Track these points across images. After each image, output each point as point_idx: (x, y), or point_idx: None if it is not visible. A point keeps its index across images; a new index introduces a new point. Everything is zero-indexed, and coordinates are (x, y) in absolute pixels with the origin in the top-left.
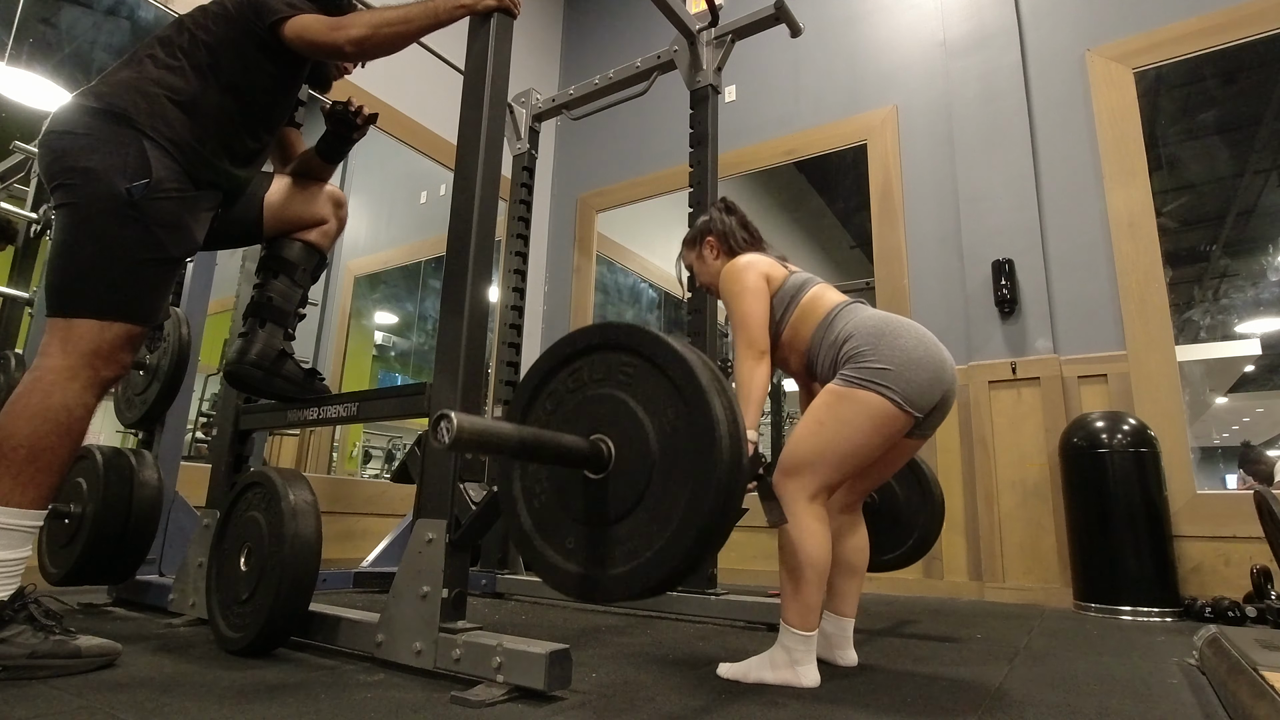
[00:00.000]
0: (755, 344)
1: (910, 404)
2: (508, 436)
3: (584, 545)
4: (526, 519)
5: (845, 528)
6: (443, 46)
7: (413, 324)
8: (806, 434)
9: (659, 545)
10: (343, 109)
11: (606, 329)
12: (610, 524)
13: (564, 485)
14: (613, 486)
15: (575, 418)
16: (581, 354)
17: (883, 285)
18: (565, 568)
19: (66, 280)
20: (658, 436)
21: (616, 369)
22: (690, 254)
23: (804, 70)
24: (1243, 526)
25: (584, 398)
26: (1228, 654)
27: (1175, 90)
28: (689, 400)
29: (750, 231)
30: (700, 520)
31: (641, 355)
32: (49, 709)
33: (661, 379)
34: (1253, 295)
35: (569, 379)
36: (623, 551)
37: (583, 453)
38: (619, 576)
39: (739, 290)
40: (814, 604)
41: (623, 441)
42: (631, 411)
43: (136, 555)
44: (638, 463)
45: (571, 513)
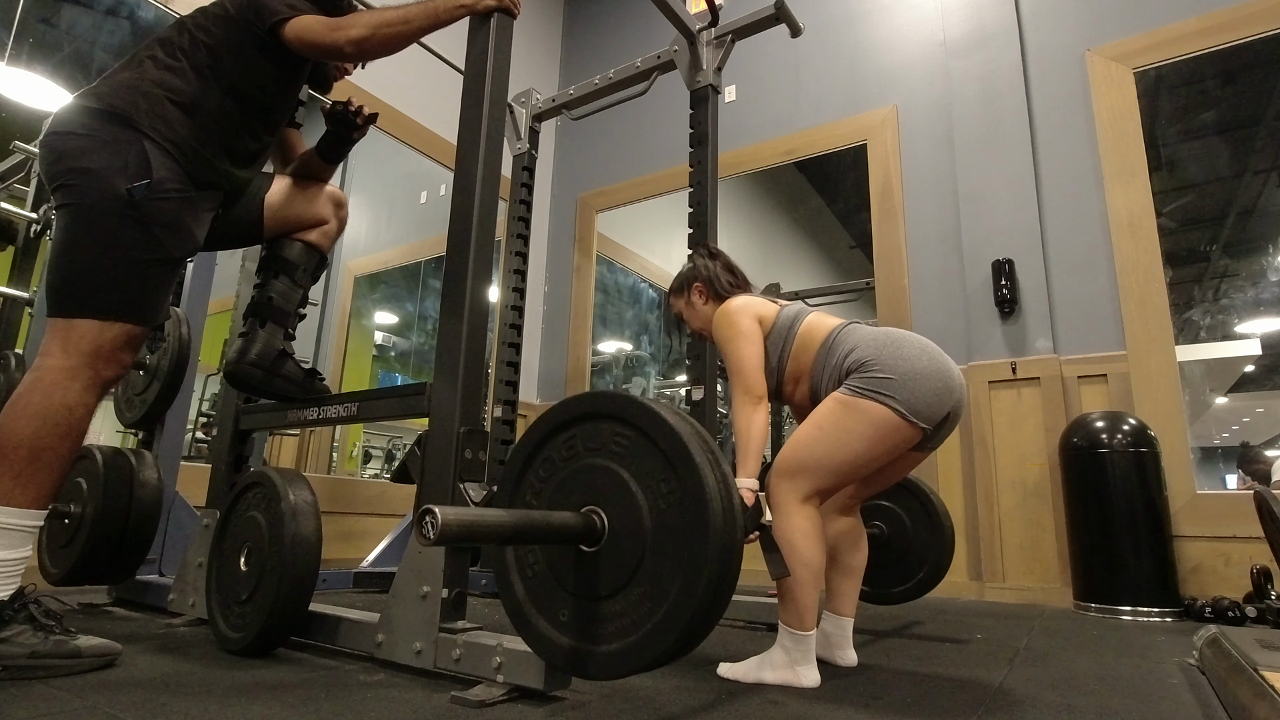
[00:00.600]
0: (752, 390)
1: (916, 415)
2: (496, 524)
3: (576, 619)
4: (520, 588)
5: (844, 529)
6: (443, 46)
7: (413, 324)
8: (805, 439)
9: (651, 624)
10: (343, 109)
11: (599, 398)
12: (603, 599)
13: (558, 557)
14: (606, 560)
15: (568, 488)
16: (575, 422)
17: (883, 285)
18: (557, 640)
19: (67, 280)
20: (651, 511)
21: (610, 439)
22: (679, 301)
23: (804, 70)
24: (1243, 526)
25: (577, 467)
26: (1228, 654)
27: (1175, 90)
28: (681, 475)
29: (735, 274)
30: (693, 603)
31: (634, 426)
32: (49, 709)
33: (654, 451)
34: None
35: (563, 447)
36: (615, 628)
37: (575, 529)
38: (610, 654)
39: (732, 335)
40: (809, 603)
41: (616, 514)
42: (625, 484)
43: (136, 555)
44: (631, 537)
45: (565, 584)
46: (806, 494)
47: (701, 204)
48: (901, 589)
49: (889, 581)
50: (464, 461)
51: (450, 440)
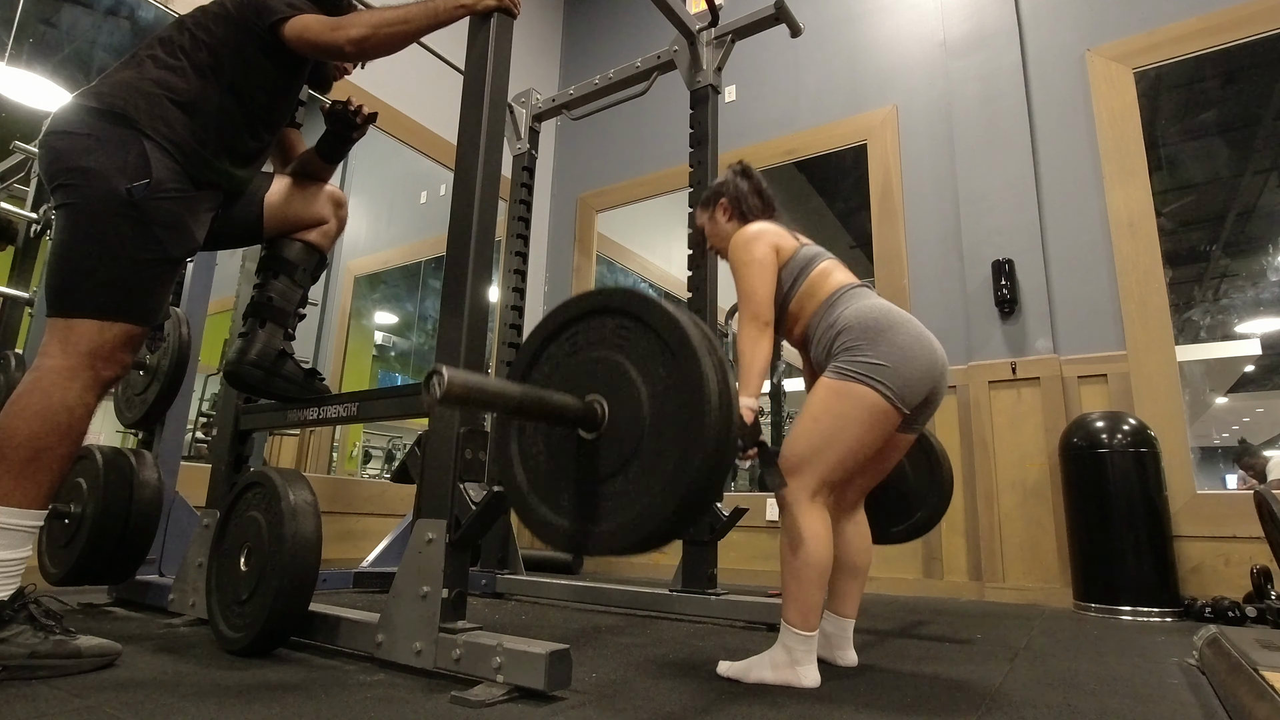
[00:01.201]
0: (759, 316)
1: (902, 400)
2: (499, 392)
3: (576, 502)
4: (522, 478)
5: (847, 528)
6: (443, 46)
7: (413, 324)
8: (803, 431)
9: (647, 501)
10: (342, 109)
11: (603, 294)
12: (602, 481)
13: (558, 445)
14: (605, 445)
15: (572, 379)
16: (579, 318)
17: (883, 285)
18: (558, 523)
19: (66, 280)
20: (650, 397)
21: (613, 332)
22: (703, 215)
23: (804, 70)
24: (1243, 526)
25: (581, 360)
26: (1228, 654)
27: (1175, 90)
28: (680, 360)
29: (764, 199)
30: (688, 478)
31: (636, 318)
32: (49, 709)
33: (655, 340)
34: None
35: (567, 343)
36: (613, 507)
37: (576, 411)
38: (608, 531)
39: (747, 260)
40: (815, 604)
41: (616, 402)
42: (625, 372)
43: (136, 555)
44: (630, 422)
45: (566, 471)
46: (814, 489)
47: None
48: (900, 529)
49: (887, 521)
50: (464, 461)
51: (450, 440)
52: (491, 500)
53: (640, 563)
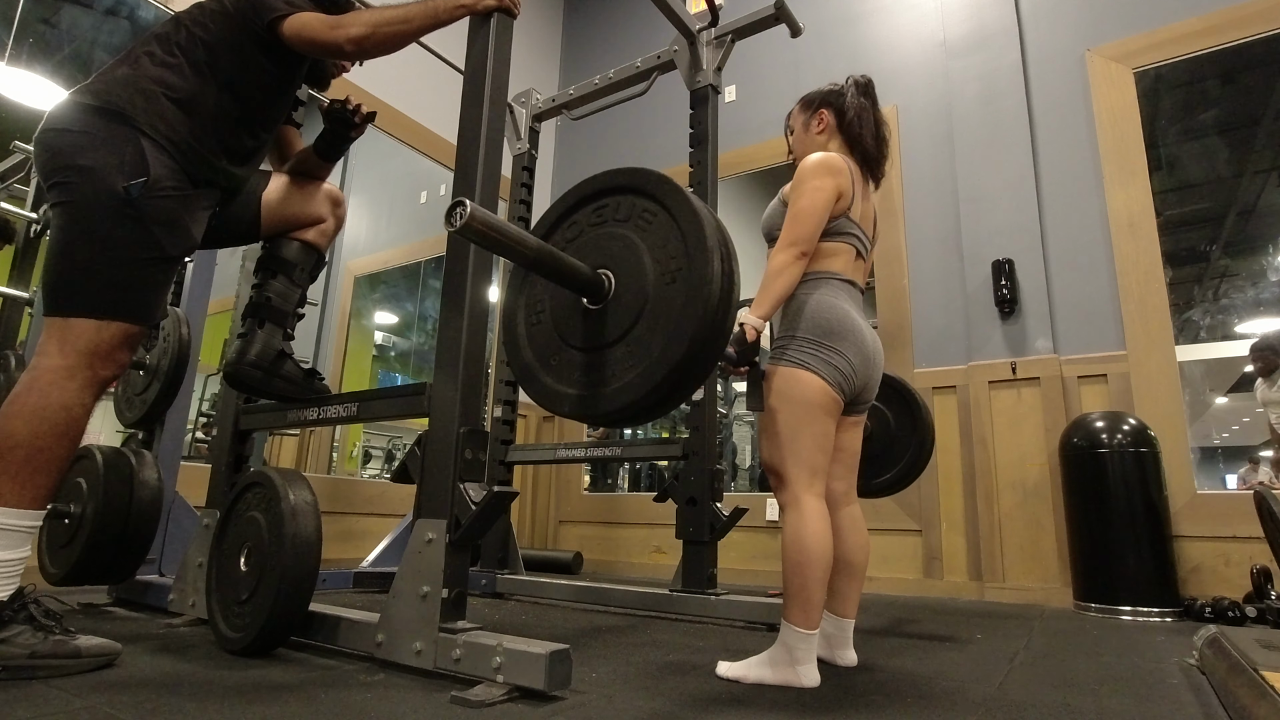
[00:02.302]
0: (798, 243)
1: (839, 388)
2: (518, 238)
3: (580, 369)
4: (528, 352)
5: (844, 525)
6: (443, 46)
7: (413, 324)
8: (773, 425)
9: (648, 362)
10: (340, 107)
11: (638, 173)
12: (605, 347)
13: (563, 316)
14: (609, 315)
15: (588, 249)
16: (610, 192)
17: (883, 285)
18: (561, 390)
19: (64, 279)
20: (655, 281)
21: (639, 212)
22: (800, 115)
23: (804, 70)
24: (1243, 526)
25: (601, 233)
26: (1228, 654)
27: (1175, 90)
28: (693, 253)
29: (876, 135)
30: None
31: (663, 205)
32: (49, 709)
33: (674, 229)
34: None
35: (593, 213)
36: (616, 369)
37: (585, 277)
38: (611, 393)
39: (816, 186)
40: (816, 601)
41: (624, 277)
42: (639, 254)
43: (136, 555)
44: (632, 300)
45: (569, 340)
46: (808, 479)
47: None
48: (883, 480)
49: (872, 474)
50: (464, 461)
51: (450, 440)
52: (491, 500)
53: (640, 563)
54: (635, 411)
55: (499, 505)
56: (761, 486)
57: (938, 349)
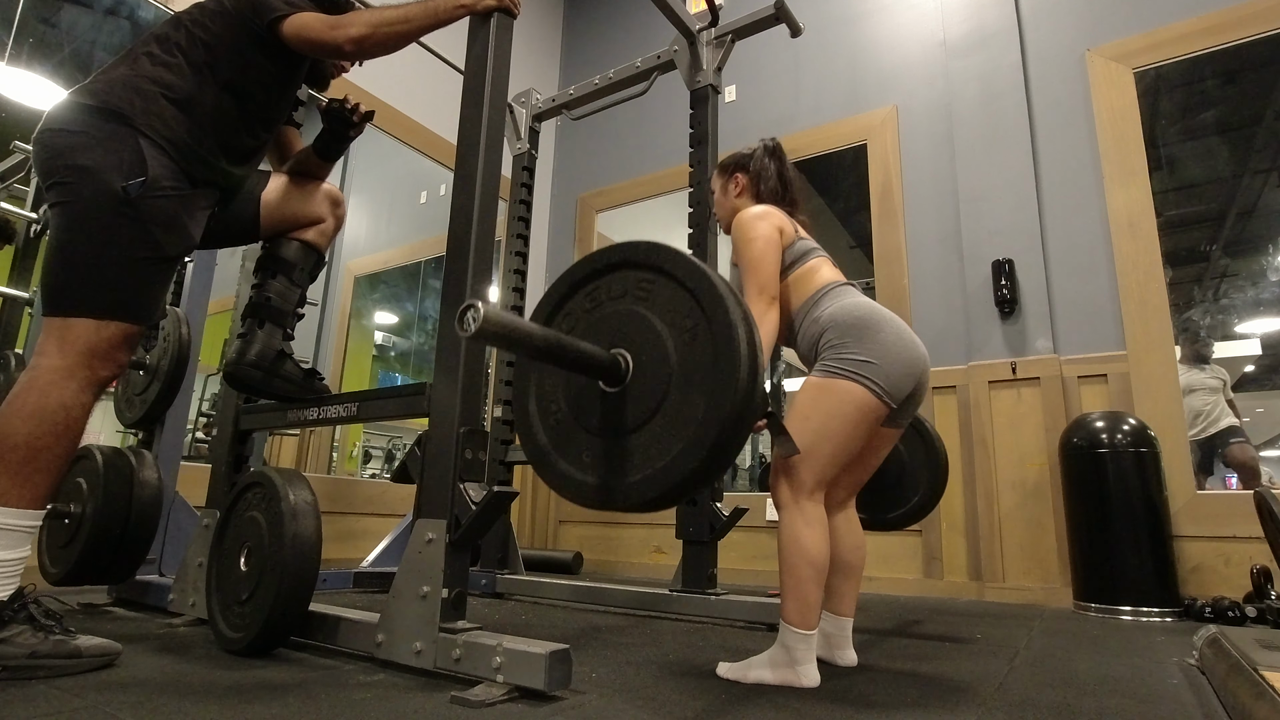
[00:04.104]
0: (766, 289)
1: (887, 394)
2: (531, 334)
3: (601, 457)
4: (543, 436)
5: (840, 526)
6: (443, 46)
7: (413, 324)
8: (794, 430)
9: (677, 449)
10: (339, 107)
11: (624, 248)
12: (628, 434)
13: (580, 401)
14: (630, 397)
15: (593, 334)
16: (599, 274)
17: (883, 285)
18: (582, 479)
19: (63, 279)
20: (676, 346)
21: (634, 285)
22: (717, 180)
23: (804, 70)
24: (1243, 526)
25: (601, 315)
26: (1228, 654)
27: (1175, 90)
28: (706, 307)
29: (784, 185)
30: (719, 421)
31: (659, 270)
32: (49, 709)
33: (679, 290)
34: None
35: (586, 299)
36: (641, 459)
37: (602, 362)
38: (636, 483)
39: (753, 236)
40: (813, 601)
41: (640, 353)
42: (649, 324)
43: (136, 555)
44: (656, 372)
45: (588, 427)
46: (810, 488)
47: (701, 204)
48: (897, 514)
49: (885, 507)
50: (464, 461)
51: (450, 440)
52: (491, 500)
53: (640, 563)
54: (679, 488)
55: (499, 505)
56: (761, 487)
57: (938, 349)
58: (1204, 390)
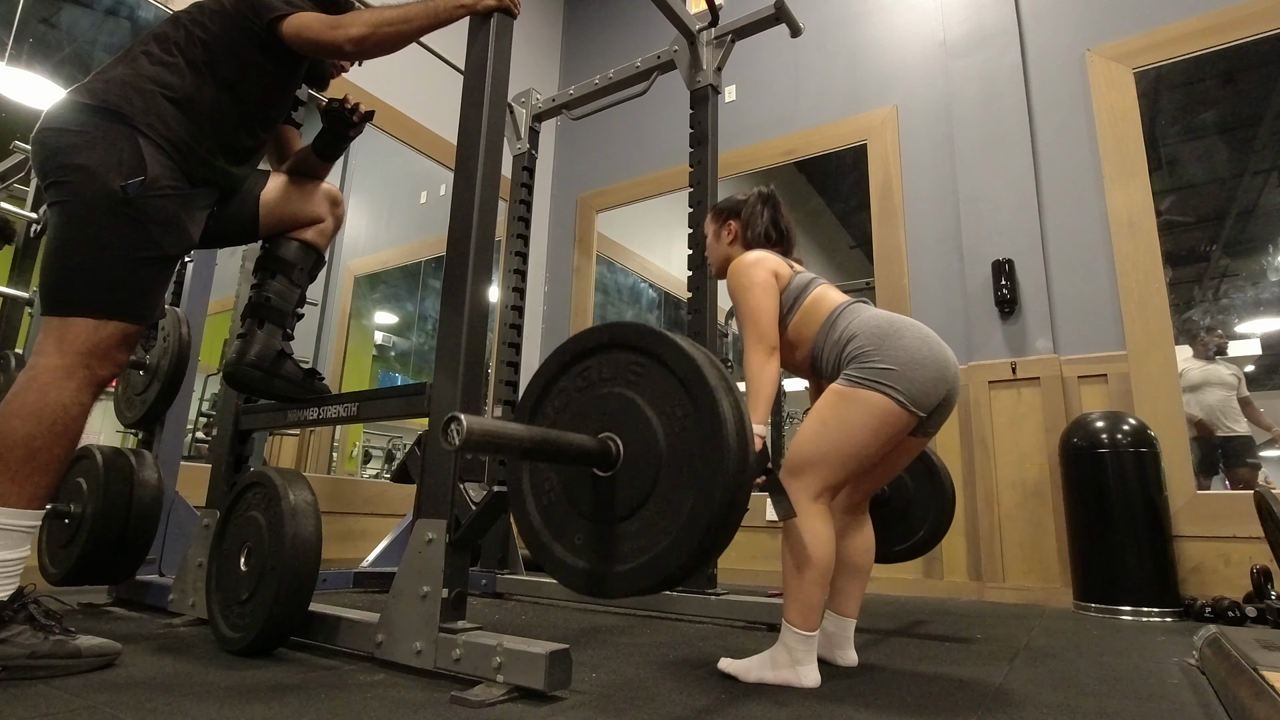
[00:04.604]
0: (765, 339)
1: (914, 403)
2: (517, 437)
3: (592, 541)
4: (535, 516)
5: (850, 527)
6: (443, 46)
7: (413, 324)
8: (810, 434)
9: (666, 542)
10: (339, 107)
11: (615, 328)
12: (618, 520)
13: (573, 482)
14: (621, 484)
15: (584, 416)
16: (591, 353)
17: (883, 285)
18: (573, 563)
19: (61, 279)
20: (666, 434)
21: (625, 368)
22: (711, 225)
23: (804, 70)
24: (1243, 526)
25: (593, 396)
26: (1228, 654)
27: (1175, 90)
28: (696, 398)
29: (780, 232)
30: (708, 516)
31: (650, 354)
32: (49, 709)
33: (670, 377)
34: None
35: (578, 378)
36: (630, 548)
37: (591, 451)
38: (626, 572)
39: (748, 285)
40: (816, 603)
41: (631, 439)
42: (640, 410)
43: (136, 555)
44: (646, 460)
45: (580, 509)
46: (817, 491)
47: (701, 204)
48: (902, 547)
49: (890, 540)
50: (464, 461)
51: None
52: (491, 500)
53: None
54: (669, 581)
55: (499, 505)
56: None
57: None
58: (1220, 385)
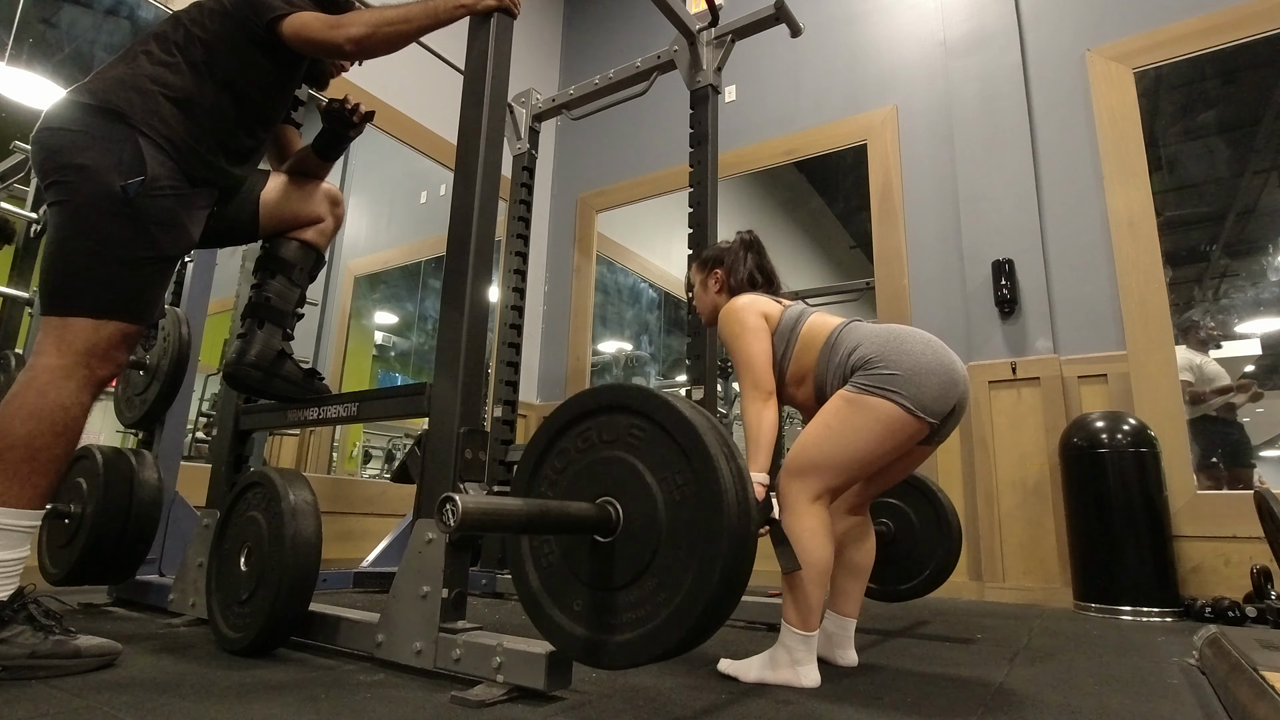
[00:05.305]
0: (761, 385)
1: (924, 410)
2: (514, 513)
3: (590, 609)
4: (534, 579)
5: (852, 529)
6: (443, 46)
7: (413, 324)
8: (814, 438)
9: (665, 614)
10: (339, 107)
11: (616, 390)
12: (617, 589)
13: (572, 547)
14: (620, 551)
15: (584, 479)
16: (591, 414)
17: (883, 285)
18: (571, 630)
19: (61, 279)
20: (665, 503)
21: (626, 431)
22: (697, 275)
23: (804, 70)
24: (1243, 526)
25: (594, 459)
26: (1228, 654)
27: (1175, 90)
28: (696, 468)
29: (765, 273)
30: (707, 595)
31: (651, 419)
32: (49, 709)
33: (670, 444)
34: (1253, 295)
35: (579, 439)
36: (629, 619)
37: (590, 519)
38: (624, 643)
39: (740, 331)
40: (815, 604)
41: (631, 506)
42: (640, 476)
43: (136, 555)
44: (645, 529)
45: (579, 575)
46: (817, 493)
47: (701, 204)
48: (907, 586)
49: (895, 579)
50: (464, 461)
51: (450, 440)
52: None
53: None
54: (668, 655)
55: None
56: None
57: None
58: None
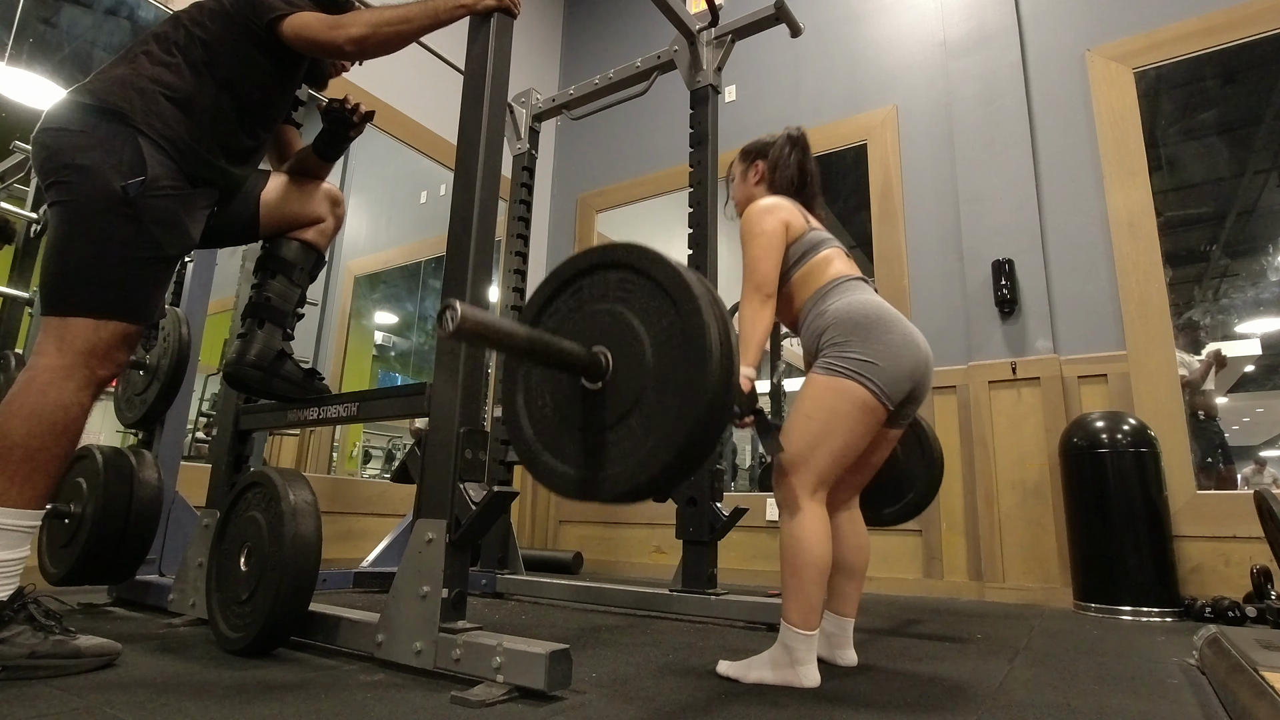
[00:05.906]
0: (762, 287)
1: (887, 396)
2: (509, 332)
3: (583, 450)
4: (529, 431)
5: (844, 526)
6: (443, 46)
7: (413, 324)
8: (798, 429)
9: (652, 443)
10: (339, 107)
11: (606, 249)
12: (606, 429)
13: (564, 397)
14: (609, 395)
15: (577, 333)
16: (583, 274)
17: (883, 285)
18: (564, 471)
19: (61, 279)
20: (653, 345)
21: (615, 285)
22: (739, 166)
23: (804, 70)
24: (1243, 526)
25: (585, 314)
26: (1228, 654)
27: (1175, 90)
28: (681, 310)
29: (804, 175)
30: (689, 425)
31: (639, 271)
32: (49, 709)
33: (657, 291)
34: (1253, 295)
35: (571, 298)
36: (616, 454)
37: (581, 359)
38: (615, 475)
39: (756, 232)
40: (815, 603)
41: (620, 352)
42: (629, 323)
43: (136, 555)
44: (634, 371)
45: (570, 422)
46: (813, 486)
47: (701, 204)
48: (892, 510)
49: (881, 503)
50: (464, 461)
51: (450, 440)
52: (491, 500)
53: (640, 563)
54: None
55: (499, 505)
56: (762, 486)
57: (937, 349)
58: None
